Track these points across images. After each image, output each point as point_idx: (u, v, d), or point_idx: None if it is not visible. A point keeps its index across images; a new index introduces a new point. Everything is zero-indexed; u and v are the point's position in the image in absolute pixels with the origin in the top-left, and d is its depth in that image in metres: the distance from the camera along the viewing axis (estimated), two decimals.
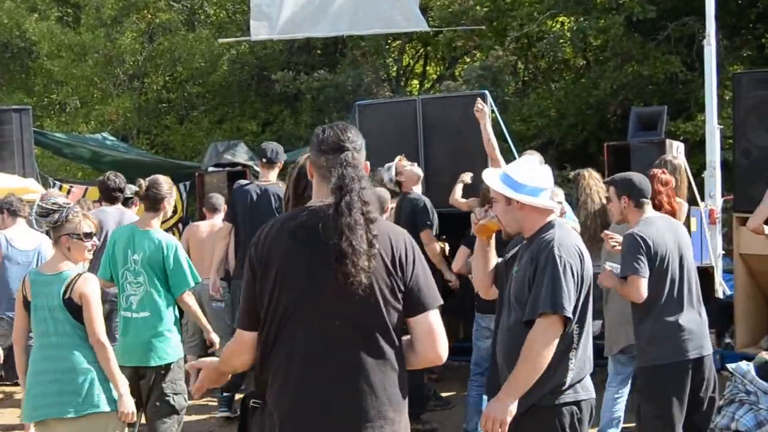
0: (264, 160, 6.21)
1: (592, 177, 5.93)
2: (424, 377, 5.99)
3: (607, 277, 4.35)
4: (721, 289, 6.72)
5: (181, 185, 9.19)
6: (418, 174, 6.25)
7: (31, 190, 7.45)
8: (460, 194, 6.41)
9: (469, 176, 6.41)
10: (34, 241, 6.02)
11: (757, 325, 6.73)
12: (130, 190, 6.15)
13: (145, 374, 4.48)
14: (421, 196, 6.18)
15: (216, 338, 4.84)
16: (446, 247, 6.08)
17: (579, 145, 11.84)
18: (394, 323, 2.43)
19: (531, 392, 3.04)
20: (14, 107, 8.69)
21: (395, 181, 6.16)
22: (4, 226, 6.09)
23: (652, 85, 11.07)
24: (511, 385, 3.05)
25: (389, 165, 6.21)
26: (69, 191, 8.79)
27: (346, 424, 2.38)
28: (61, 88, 14.84)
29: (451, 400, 6.51)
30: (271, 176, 6.21)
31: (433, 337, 2.47)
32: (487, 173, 3.31)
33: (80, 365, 3.80)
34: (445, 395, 6.59)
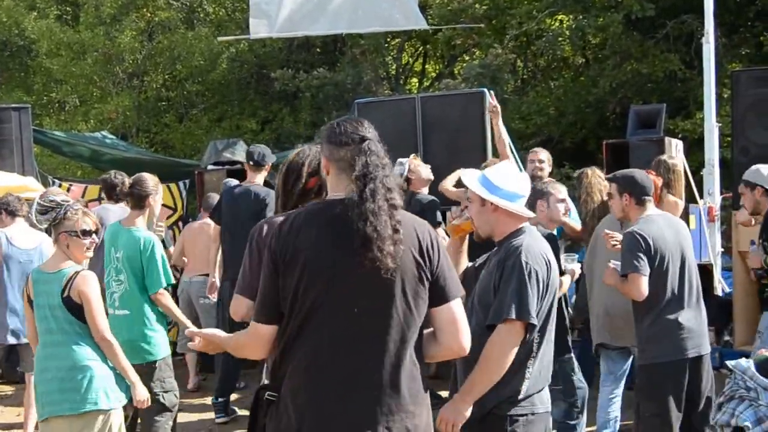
0: (251, 163, 6.27)
1: (594, 175, 5.95)
2: None
3: (610, 275, 4.36)
4: (720, 286, 6.75)
5: (181, 183, 9.18)
6: (428, 177, 6.29)
7: (30, 188, 7.44)
8: (451, 183, 6.38)
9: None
10: (34, 240, 6.02)
11: (756, 323, 6.74)
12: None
13: None
14: (429, 195, 6.23)
15: (195, 328, 4.71)
16: None
17: (578, 143, 11.85)
18: (420, 315, 2.43)
19: (487, 398, 3.01)
20: (13, 105, 8.67)
21: (405, 178, 6.18)
22: (3, 226, 6.09)
23: (651, 83, 11.08)
24: (467, 389, 3.04)
25: (402, 160, 6.22)
26: (68, 189, 8.77)
27: (367, 417, 2.37)
28: (61, 87, 14.81)
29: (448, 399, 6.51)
30: (258, 179, 6.26)
31: (457, 327, 2.48)
32: (467, 173, 3.30)
33: (80, 363, 3.82)
34: (444, 394, 6.59)
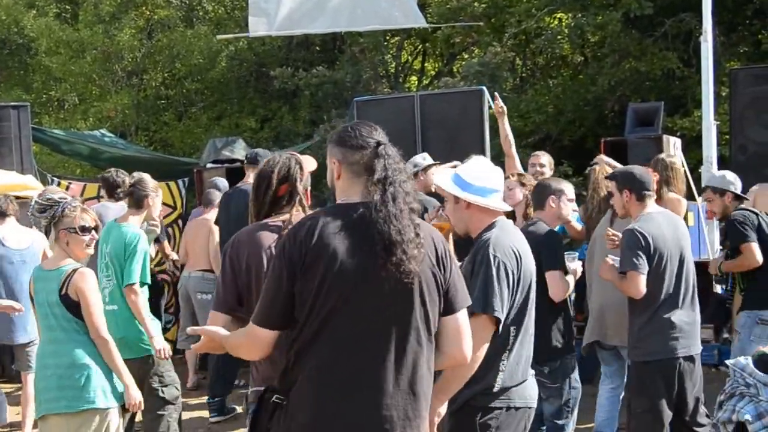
0: (246, 162, 6.37)
1: (602, 171, 5.96)
2: None
3: (607, 270, 4.38)
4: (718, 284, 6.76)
5: (180, 181, 9.19)
6: (433, 186, 6.28)
7: (29, 186, 7.44)
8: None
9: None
10: (26, 240, 6.00)
11: None
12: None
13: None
14: (432, 198, 6.23)
15: (159, 345, 4.65)
16: None
17: (576, 141, 11.87)
18: (436, 322, 2.44)
19: (462, 392, 3.01)
20: (12, 104, 8.68)
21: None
22: None
23: (649, 81, 11.11)
24: (441, 387, 2.97)
25: (425, 155, 6.22)
26: (67, 188, 8.76)
27: (386, 423, 2.36)
28: (60, 85, 14.81)
29: None
30: (252, 178, 6.31)
31: (462, 336, 2.51)
32: (439, 173, 3.34)
33: (79, 360, 3.81)
34: None
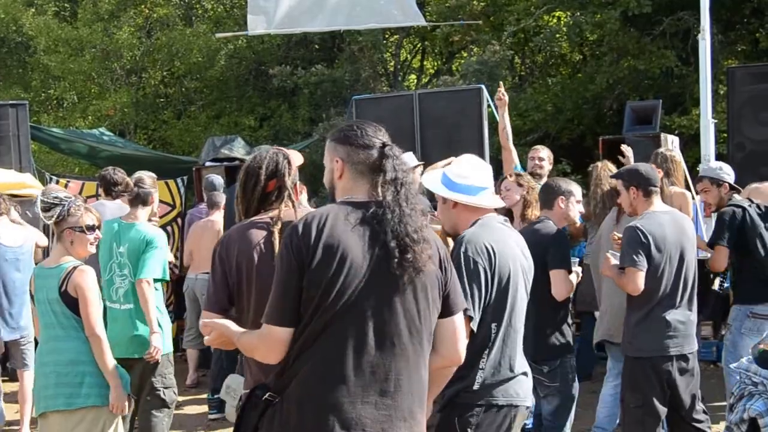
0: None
1: (605, 168, 5.98)
2: None
3: (608, 267, 4.40)
4: (718, 281, 6.78)
5: (179, 180, 9.20)
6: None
7: (27, 185, 7.46)
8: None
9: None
10: (20, 237, 6.03)
11: None
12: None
13: (132, 366, 4.50)
14: (422, 197, 6.22)
15: (156, 343, 4.65)
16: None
17: (575, 140, 11.89)
18: (434, 322, 2.46)
19: (446, 390, 2.99)
20: (11, 102, 8.69)
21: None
22: None
23: (647, 80, 11.13)
24: None
25: (410, 154, 6.22)
26: (66, 186, 8.77)
27: (387, 423, 2.36)
28: (59, 83, 14.81)
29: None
30: None
31: (456, 339, 2.53)
32: (428, 174, 3.32)
33: (77, 358, 3.82)
34: None
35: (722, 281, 5.90)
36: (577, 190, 4.67)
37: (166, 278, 4.82)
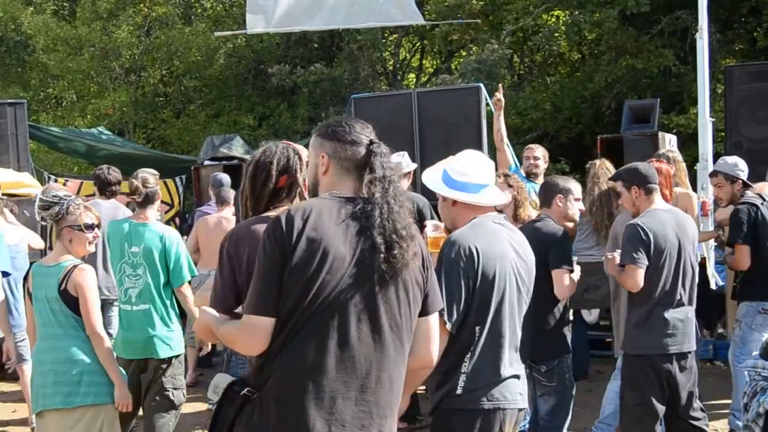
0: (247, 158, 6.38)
1: (602, 166, 5.98)
2: None
3: (611, 265, 4.42)
4: (714, 280, 6.80)
5: (178, 179, 9.22)
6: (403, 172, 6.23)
7: (25, 184, 7.46)
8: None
9: None
10: (15, 237, 6.04)
11: None
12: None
13: (146, 367, 4.48)
14: (419, 195, 6.18)
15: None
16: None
17: (573, 138, 11.92)
18: (415, 320, 2.46)
19: (434, 395, 2.97)
20: (9, 101, 8.69)
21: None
22: None
23: (645, 79, 11.15)
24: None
25: (403, 154, 6.22)
26: (64, 185, 8.79)
27: (367, 420, 2.35)
28: (57, 82, 14.83)
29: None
30: None
31: (430, 339, 2.52)
32: (428, 172, 3.29)
33: (75, 356, 3.81)
34: None
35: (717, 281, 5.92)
36: (576, 188, 4.67)
37: (195, 273, 4.81)
